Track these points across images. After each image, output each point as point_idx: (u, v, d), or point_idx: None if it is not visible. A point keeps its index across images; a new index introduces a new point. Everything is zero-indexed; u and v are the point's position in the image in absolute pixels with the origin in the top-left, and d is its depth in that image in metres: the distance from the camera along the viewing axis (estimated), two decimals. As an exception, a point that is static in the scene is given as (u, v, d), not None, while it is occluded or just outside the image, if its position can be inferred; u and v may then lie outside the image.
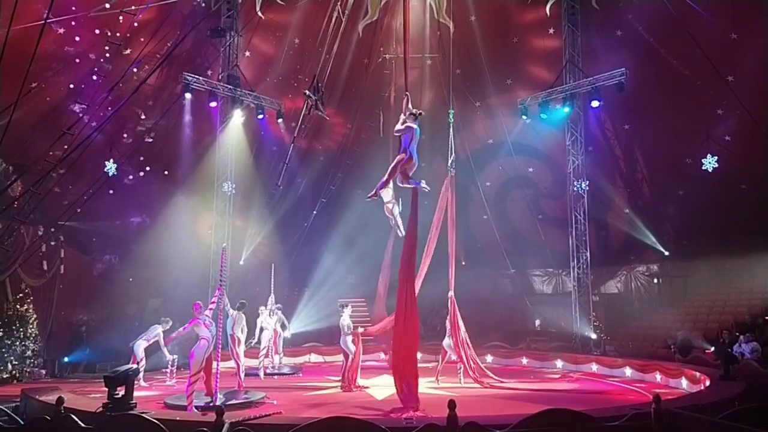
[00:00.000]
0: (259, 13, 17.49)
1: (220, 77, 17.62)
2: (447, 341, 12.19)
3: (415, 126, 9.57)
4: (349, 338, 11.54)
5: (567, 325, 17.25)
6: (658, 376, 12.28)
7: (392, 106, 18.06)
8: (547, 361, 15.11)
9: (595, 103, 16.15)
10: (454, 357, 12.16)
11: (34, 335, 13.30)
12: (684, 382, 11.31)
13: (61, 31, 14.29)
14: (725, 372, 10.22)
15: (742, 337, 12.06)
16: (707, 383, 10.17)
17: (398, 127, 9.80)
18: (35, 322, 13.46)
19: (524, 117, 17.77)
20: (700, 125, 16.34)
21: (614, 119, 18.15)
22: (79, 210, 12.38)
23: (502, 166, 20.17)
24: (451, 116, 13.12)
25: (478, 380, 11.88)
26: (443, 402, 6.60)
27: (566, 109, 16.90)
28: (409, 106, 9.94)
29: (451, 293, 12.21)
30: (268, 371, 13.51)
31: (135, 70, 14.73)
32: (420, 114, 9.76)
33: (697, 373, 10.96)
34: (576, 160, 17.20)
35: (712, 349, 12.70)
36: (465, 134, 14.37)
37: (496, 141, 19.81)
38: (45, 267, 14.06)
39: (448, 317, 12.23)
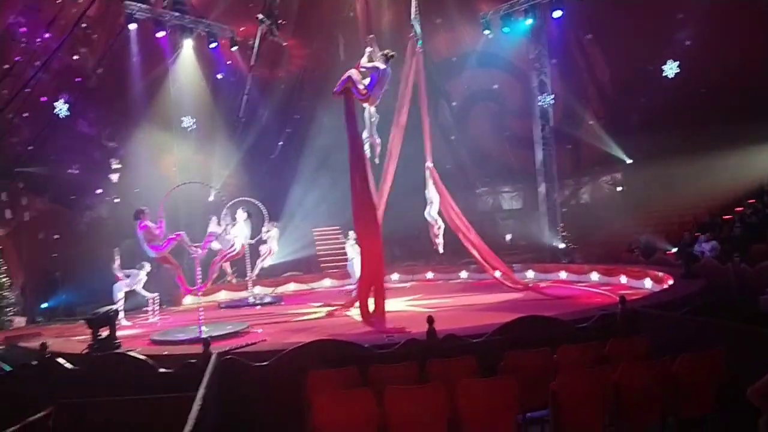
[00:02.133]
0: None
1: (164, 4, 16.60)
2: (428, 211, 12.10)
3: (383, 67, 9.29)
4: (356, 261, 11.71)
5: (537, 237, 17.78)
6: (624, 279, 12.76)
7: (359, 20, 17.25)
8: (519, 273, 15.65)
9: (557, 13, 15.89)
10: (440, 224, 12.13)
11: (7, 285, 13.12)
12: (648, 283, 11.81)
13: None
14: (686, 270, 10.68)
15: (702, 236, 12.61)
16: (670, 282, 10.65)
17: (364, 62, 9.48)
18: (7, 272, 13.24)
19: (487, 32, 17.41)
20: (661, 31, 16.29)
21: (577, 29, 17.94)
22: (32, 152, 11.87)
23: (467, 84, 19.95)
24: None
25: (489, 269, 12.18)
26: (422, 318, 6.85)
27: (529, 21, 16.60)
28: (376, 48, 9.58)
29: (429, 164, 12.15)
30: (249, 301, 13.73)
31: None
32: (392, 56, 9.48)
33: (660, 273, 11.43)
34: (540, 73, 17.10)
35: (674, 249, 13.27)
36: (426, 53, 14.14)
37: (459, 59, 19.46)
38: (9, 216, 13.68)
39: (428, 188, 12.11)
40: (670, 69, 16.11)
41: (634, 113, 18.01)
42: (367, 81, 9.39)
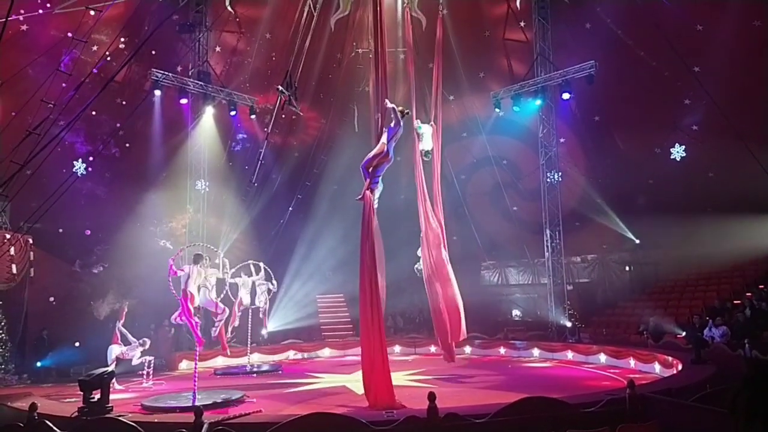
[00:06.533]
0: (229, 8, 17.24)
1: (190, 73, 17.36)
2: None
3: (400, 123, 9.71)
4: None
5: (543, 314, 17.52)
6: (632, 362, 12.54)
7: (371, 99, 18.03)
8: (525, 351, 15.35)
9: (566, 96, 16.35)
10: None
11: (4, 341, 12.96)
12: (657, 367, 11.57)
13: (25, 27, 13.92)
14: (696, 356, 10.46)
15: (711, 321, 12.37)
16: (679, 367, 10.42)
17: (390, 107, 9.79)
18: (5, 328, 13.11)
19: (497, 110, 17.93)
20: (668, 115, 16.68)
21: (585, 111, 18.41)
22: (45, 209, 12.02)
23: (477, 159, 20.32)
24: None
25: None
26: (423, 394, 6.66)
27: (538, 102, 17.10)
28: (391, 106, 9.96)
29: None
30: (247, 369, 13.49)
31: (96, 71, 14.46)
32: (407, 113, 10.01)
33: (670, 358, 11.22)
34: (549, 151, 17.43)
35: (684, 333, 13.01)
36: (439, 128, 14.67)
37: (469, 134, 19.94)
38: (14, 271, 13.68)
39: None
40: (678, 152, 16.37)
41: (642, 194, 18.15)
42: (384, 138, 9.69)
